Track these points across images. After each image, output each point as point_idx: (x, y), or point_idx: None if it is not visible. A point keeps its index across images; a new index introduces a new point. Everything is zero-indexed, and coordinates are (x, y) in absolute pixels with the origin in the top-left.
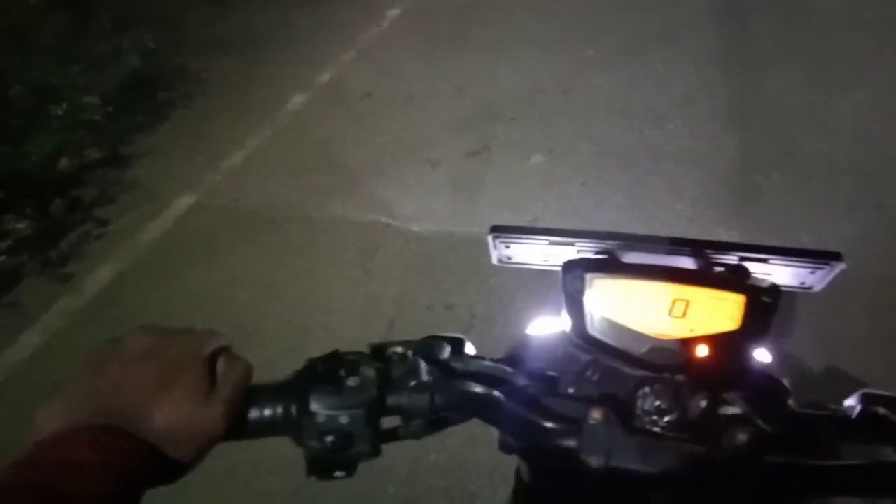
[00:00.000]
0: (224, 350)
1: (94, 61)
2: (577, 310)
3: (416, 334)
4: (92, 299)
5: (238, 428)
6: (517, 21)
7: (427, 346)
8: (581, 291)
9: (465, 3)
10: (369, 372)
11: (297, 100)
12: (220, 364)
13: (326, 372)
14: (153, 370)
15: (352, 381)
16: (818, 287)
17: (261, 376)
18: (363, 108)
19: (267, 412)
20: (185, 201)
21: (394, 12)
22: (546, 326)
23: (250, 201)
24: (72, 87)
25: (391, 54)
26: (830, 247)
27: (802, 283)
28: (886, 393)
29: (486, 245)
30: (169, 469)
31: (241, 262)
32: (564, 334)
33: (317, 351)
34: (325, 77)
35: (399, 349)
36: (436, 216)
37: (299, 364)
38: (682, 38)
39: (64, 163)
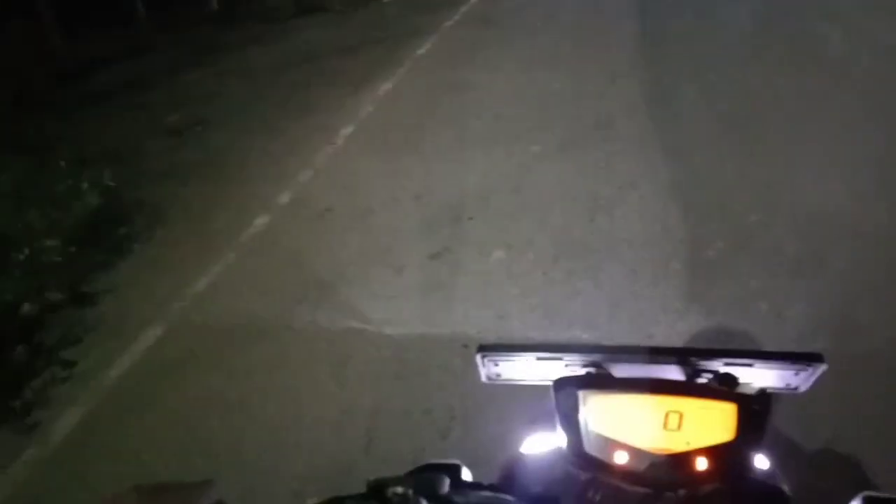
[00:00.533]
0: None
1: (54, 203)
2: (572, 427)
3: (394, 444)
4: (59, 446)
5: None
6: (464, 126)
7: (426, 481)
8: (575, 409)
9: (414, 113)
10: None
11: (259, 221)
12: None
13: None
14: None
15: None
16: (804, 388)
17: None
18: (324, 223)
19: None
20: (151, 333)
21: (347, 130)
22: (540, 444)
23: (218, 325)
24: (32, 231)
25: (347, 170)
26: (783, 306)
27: (788, 385)
28: (888, 495)
29: (455, 345)
30: None
31: (212, 387)
32: (560, 452)
33: (296, 473)
34: (284, 197)
35: (399, 489)
36: (404, 319)
37: (278, 488)
38: (619, 127)
39: (26, 308)
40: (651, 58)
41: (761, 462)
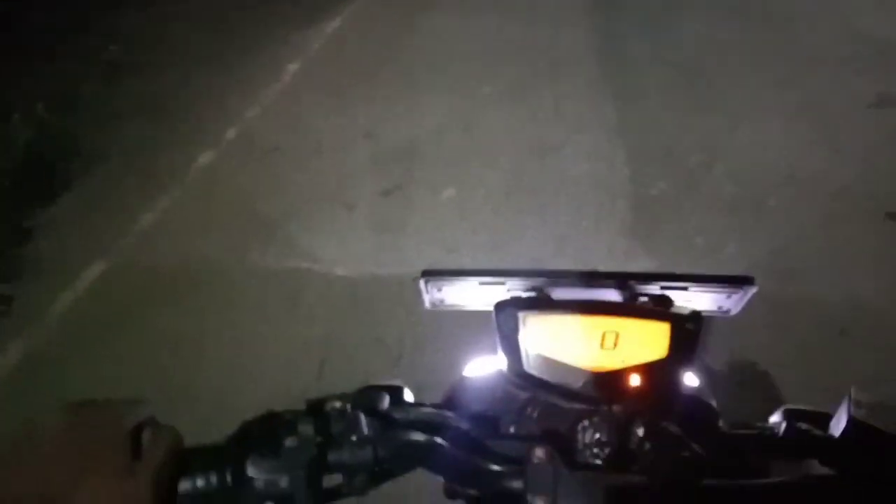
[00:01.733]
0: (149, 420)
1: None
2: (512, 349)
3: (348, 372)
4: (2, 381)
5: (169, 502)
6: (417, 66)
7: (366, 398)
8: (515, 330)
9: (363, 56)
10: (308, 430)
11: (205, 158)
12: (146, 435)
13: (262, 434)
14: (71, 451)
15: (290, 442)
16: (735, 310)
17: (197, 439)
18: (272, 161)
19: (200, 482)
20: (95, 269)
21: (294, 66)
22: (482, 367)
23: (166, 262)
24: None
25: (295, 107)
26: (720, 243)
27: (721, 307)
28: (807, 408)
29: (406, 279)
30: None
31: (162, 324)
32: (501, 374)
33: (250, 404)
34: (230, 134)
35: (337, 404)
36: (355, 255)
37: (234, 421)
38: (566, 72)
39: None
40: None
41: (692, 379)
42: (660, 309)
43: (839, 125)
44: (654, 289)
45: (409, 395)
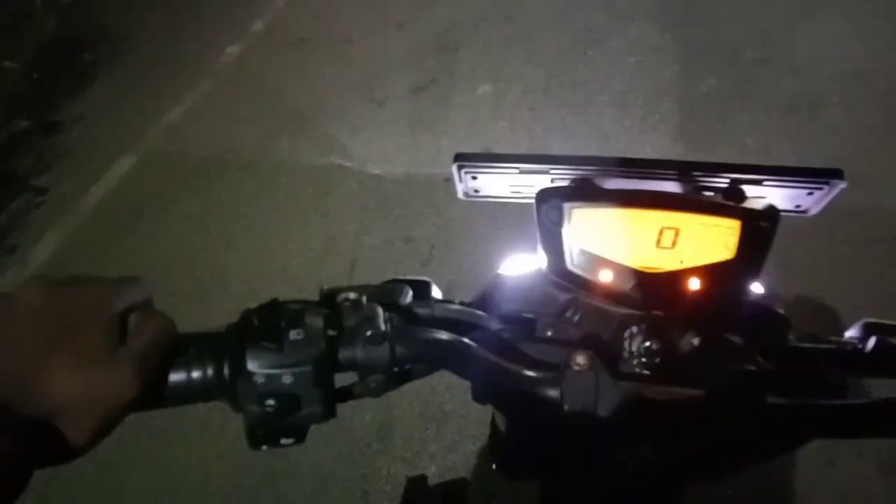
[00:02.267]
0: (140, 303)
1: (5, 25)
2: (554, 244)
3: (377, 270)
4: (40, 268)
5: (156, 394)
6: None
7: (385, 291)
8: (558, 223)
9: None
10: (316, 322)
11: (232, 50)
12: (133, 319)
13: (264, 324)
14: (45, 329)
15: (295, 335)
16: (815, 210)
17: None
18: (300, 53)
19: (195, 374)
20: (126, 161)
21: None
22: (520, 265)
23: (195, 154)
24: None
25: None
26: (773, 143)
27: (798, 206)
28: (890, 322)
29: (438, 178)
30: (65, 445)
31: (193, 213)
32: (541, 272)
33: (277, 294)
34: (258, 25)
35: (352, 295)
36: (385, 152)
37: None
38: None
39: None
40: None
41: (758, 286)
42: (729, 203)
43: None
44: (723, 181)
45: (436, 292)
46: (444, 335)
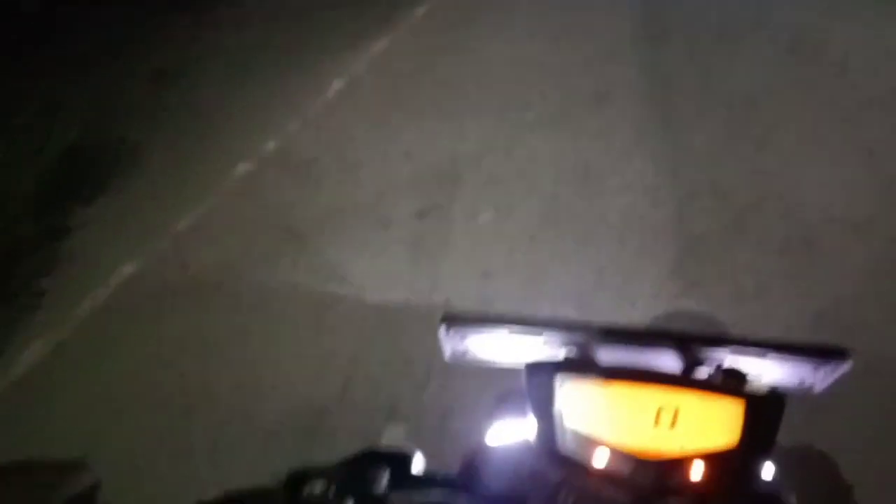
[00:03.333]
0: (87, 493)
1: (31, 133)
2: (544, 420)
3: (371, 392)
4: (25, 374)
5: None
6: (461, 89)
7: (357, 475)
8: (549, 398)
9: (408, 76)
10: None
11: (242, 168)
12: None
13: None
14: None
15: None
16: (820, 387)
17: (210, 441)
18: (310, 174)
19: None
20: (127, 269)
21: (338, 84)
22: (507, 433)
23: (196, 267)
24: (5, 160)
25: (337, 123)
26: (769, 284)
27: (803, 383)
28: None
29: (437, 302)
30: None
31: (188, 327)
32: (530, 445)
33: (269, 413)
34: (270, 145)
35: (319, 487)
36: (387, 274)
37: (251, 429)
38: (614, 100)
39: None
40: None
41: (766, 471)
42: (732, 383)
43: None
44: (723, 355)
45: (418, 463)
46: None
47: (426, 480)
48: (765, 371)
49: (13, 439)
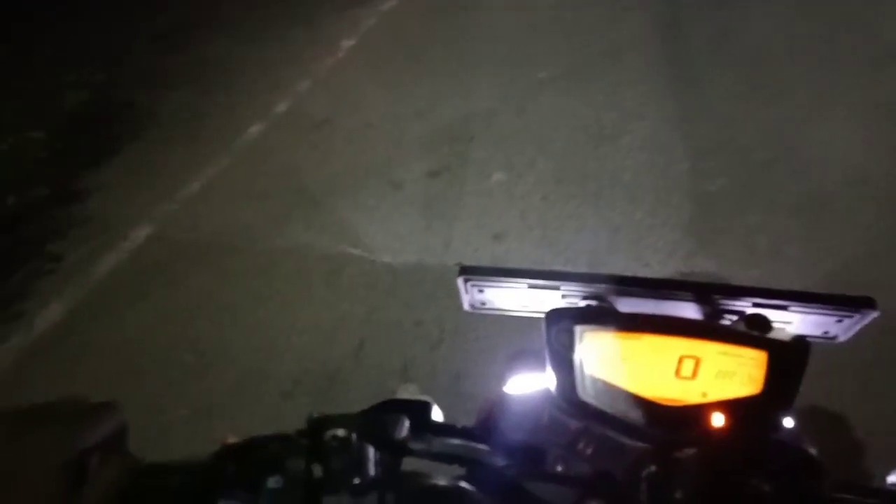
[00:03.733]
0: (111, 437)
1: (39, 96)
2: (564, 369)
3: (384, 352)
4: (43, 335)
5: None
6: (472, 47)
7: (378, 423)
8: (569, 347)
9: (419, 34)
10: (297, 467)
11: (254, 129)
12: (94, 461)
13: (240, 470)
14: None
15: (273, 482)
16: (843, 337)
17: (225, 404)
18: (321, 134)
19: None
20: (140, 233)
21: (349, 42)
22: (526, 384)
23: (209, 230)
24: (15, 122)
25: (348, 82)
26: (783, 243)
27: (826, 333)
28: None
29: (449, 265)
30: None
31: (202, 288)
32: (549, 394)
33: (283, 374)
34: (281, 106)
35: (340, 432)
36: (399, 235)
37: (269, 390)
38: (627, 57)
39: (10, 200)
40: None
41: (788, 423)
42: (755, 333)
43: None
44: (746, 306)
45: (436, 414)
46: (441, 481)
47: (445, 429)
48: (788, 321)
49: (32, 400)
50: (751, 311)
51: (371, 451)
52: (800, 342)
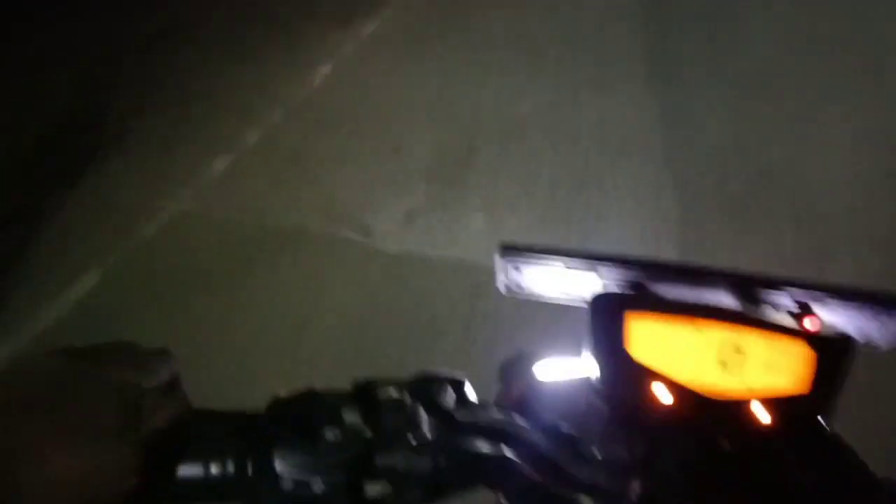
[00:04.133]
0: (166, 383)
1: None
2: (607, 355)
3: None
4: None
5: (161, 487)
6: (456, 79)
7: (427, 389)
8: (615, 333)
9: (400, 61)
10: (354, 420)
11: (221, 162)
12: (149, 401)
13: (298, 419)
14: (49, 404)
15: (331, 434)
16: (887, 346)
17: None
18: (291, 170)
19: (213, 469)
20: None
21: (325, 68)
22: (556, 369)
23: (163, 272)
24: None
25: (321, 113)
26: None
27: (868, 339)
28: None
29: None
30: None
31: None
32: (585, 381)
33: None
34: (251, 137)
35: (393, 392)
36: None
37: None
38: (616, 89)
39: None
40: None
41: (829, 424)
42: (804, 328)
43: None
44: (788, 299)
45: (470, 392)
46: (490, 448)
47: (483, 404)
48: (835, 321)
49: None
50: (795, 306)
51: (425, 415)
52: (850, 343)
